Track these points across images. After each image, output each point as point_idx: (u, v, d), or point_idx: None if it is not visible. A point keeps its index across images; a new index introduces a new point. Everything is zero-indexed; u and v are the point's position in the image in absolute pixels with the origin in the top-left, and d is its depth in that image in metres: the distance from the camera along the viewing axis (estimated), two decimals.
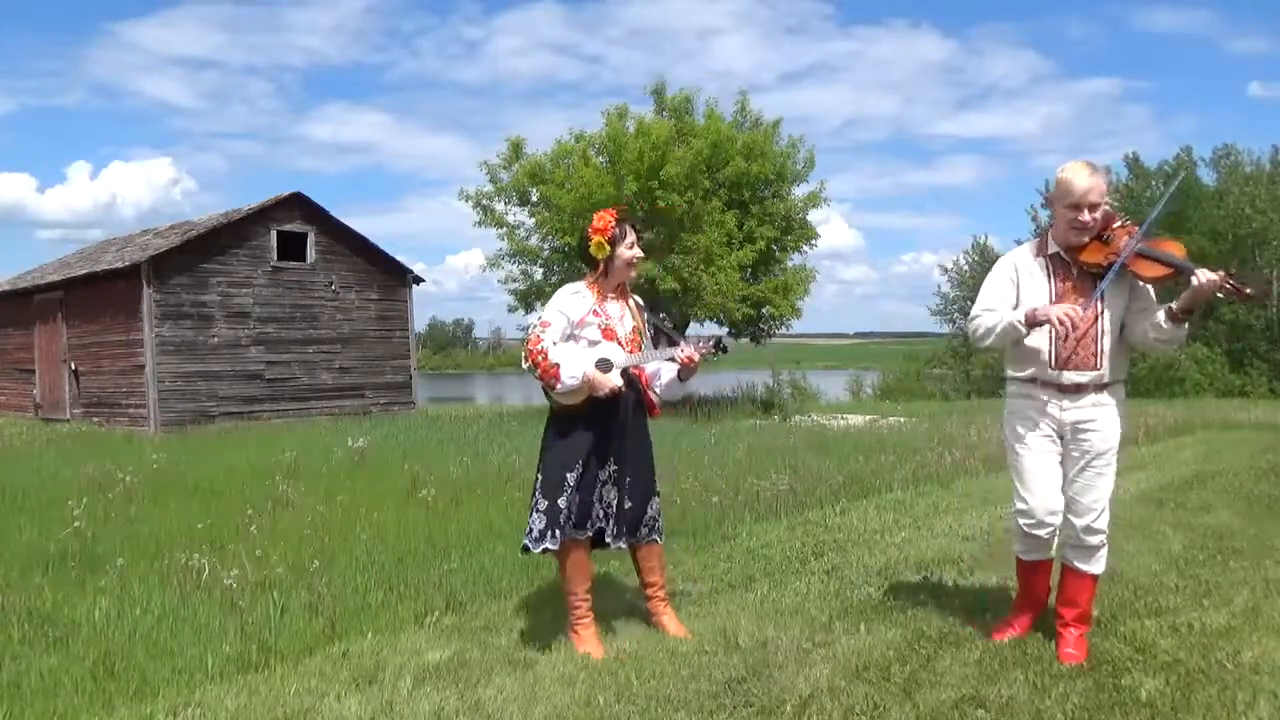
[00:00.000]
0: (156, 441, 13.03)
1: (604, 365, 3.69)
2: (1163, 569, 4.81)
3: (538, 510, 3.71)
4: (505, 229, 18.63)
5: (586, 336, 3.73)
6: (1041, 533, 3.60)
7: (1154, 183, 34.68)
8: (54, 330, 18.92)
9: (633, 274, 3.90)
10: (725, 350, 3.83)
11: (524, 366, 3.68)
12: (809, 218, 18.87)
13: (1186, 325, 3.35)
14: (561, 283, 18.43)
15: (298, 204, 18.19)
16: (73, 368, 18.24)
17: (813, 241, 19.01)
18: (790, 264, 18.92)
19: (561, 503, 3.69)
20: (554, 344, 3.65)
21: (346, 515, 6.57)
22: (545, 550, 3.70)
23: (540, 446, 3.85)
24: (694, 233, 16.73)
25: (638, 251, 3.86)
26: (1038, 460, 3.56)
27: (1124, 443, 3.69)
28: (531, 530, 3.71)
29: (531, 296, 18.77)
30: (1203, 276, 3.20)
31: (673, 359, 3.80)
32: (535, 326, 3.72)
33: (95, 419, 17.39)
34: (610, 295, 3.85)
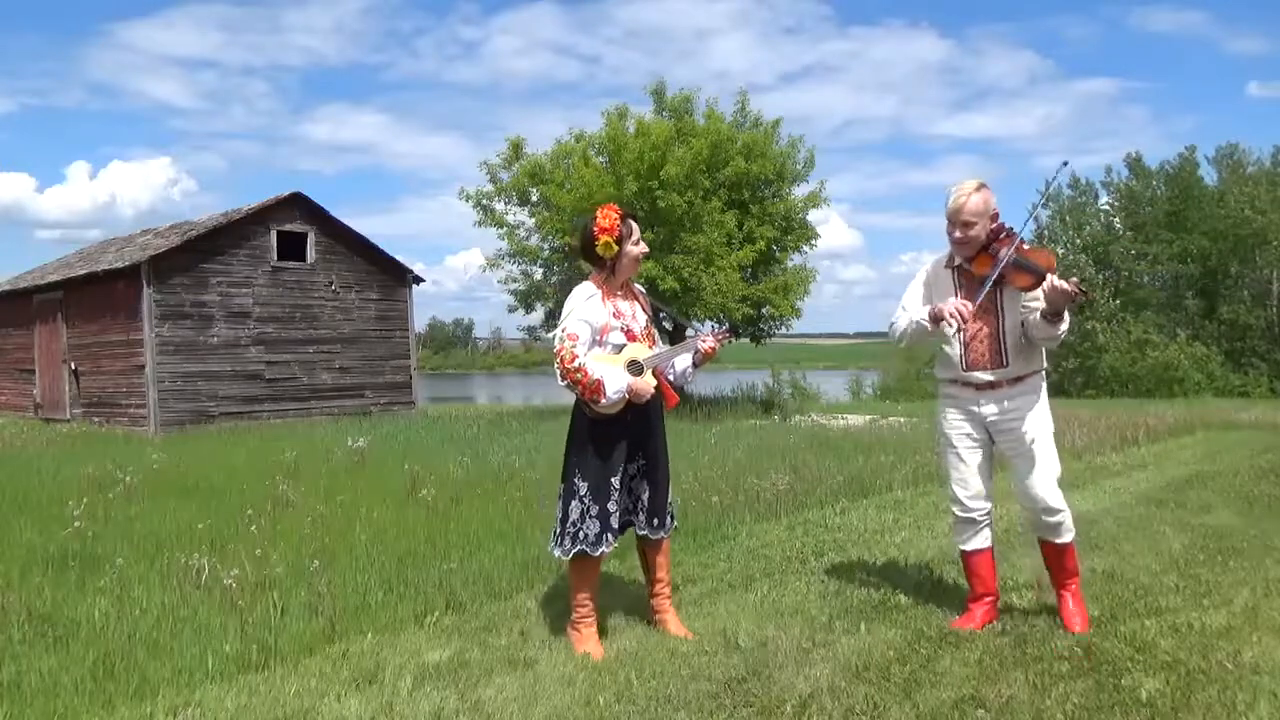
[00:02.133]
0: (156, 441, 13.04)
1: (634, 368, 3.71)
2: (1163, 569, 4.81)
3: (590, 516, 3.73)
4: (505, 229, 18.63)
5: (612, 342, 3.73)
6: (974, 515, 3.96)
7: (1154, 183, 34.70)
8: (54, 330, 18.92)
9: (638, 270, 3.92)
10: (738, 335, 3.94)
11: (560, 384, 3.65)
12: (809, 218, 18.87)
13: (1062, 325, 3.64)
14: (562, 283, 18.32)
15: (298, 204, 18.19)
16: (73, 368, 18.24)
17: (813, 241, 18.99)
18: (790, 264, 18.90)
19: (611, 506, 3.74)
20: (585, 355, 3.63)
21: (346, 515, 6.57)
22: (602, 553, 3.76)
23: (571, 449, 3.85)
24: (694, 233, 16.73)
25: (644, 248, 3.87)
26: (962, 454, 3.95)
27: (1120, 443, 3.80)
28: (586, 535, 3.73)
29: (531, 296, 18.77)
30: (1053, 284, 3.54)
31: (695, 349, 3.86)
32: (563, 340, 3.63)
33: (95, 419, 17.39)
34: (618, 293, 3.86)
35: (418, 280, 20.00)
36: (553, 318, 19.00)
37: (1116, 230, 34.22)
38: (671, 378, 3.92)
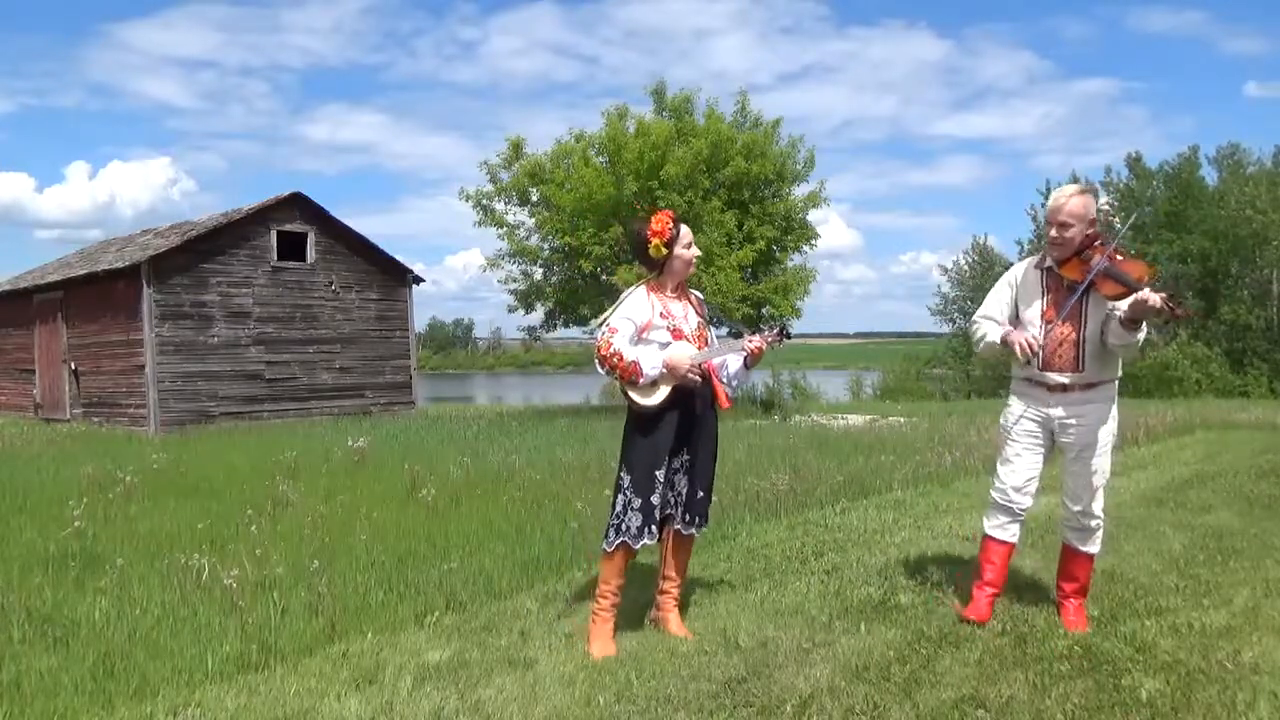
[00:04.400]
0: (156, 441, 13.04)
1: None
2: (1163, 569, 4.81)
3: (632, 509, 3.78)
4: (505, 229, 18.64)
5: (656, 340, 3.77)
6: (1013, 505, 4.02)
7: (1154, 183, 34.69)
8: (54, 330, 18.92)
9: (690, 273, 3.94)
10: (790, 336, 3.94)
11: (600, 371, 3.78)
12: (808, 218, 18.88)
13: (1139, 333, 3.71)
14: (561, 283, 18.28)
15: (298, 204, 18.19)
16: (73, 368, 18.24)
17: (813, 241, 19.00)
18: (790, 264, 18.91)
19: (655, 499, 3.78)
20: (624, 345, 3.70)
21: (346, 515, 6.57)
22: (642, 545, 3.79)
23: (623, 444, 3.90)
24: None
25: (695, 251, 3.92)
26: (1021, 446, 4.00)
27: (1121, 443, 3.84)
28: (629, 528, 3.76)
29: (531, 296, 18.77)
30: (1140, 296, 3.55)
31: (742, 349, 3.87)
32: (603, 333, 3.76)
33: (95, 419, 17.39)
34: (670, 294, 3.89)
35: (418, 280, 20.00)
36: (552, 318, 19.02)
37: (1116, 230, 34.23)
38: (724, 377, 3.95)
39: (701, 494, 3.96)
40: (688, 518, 3.96)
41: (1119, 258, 3.74)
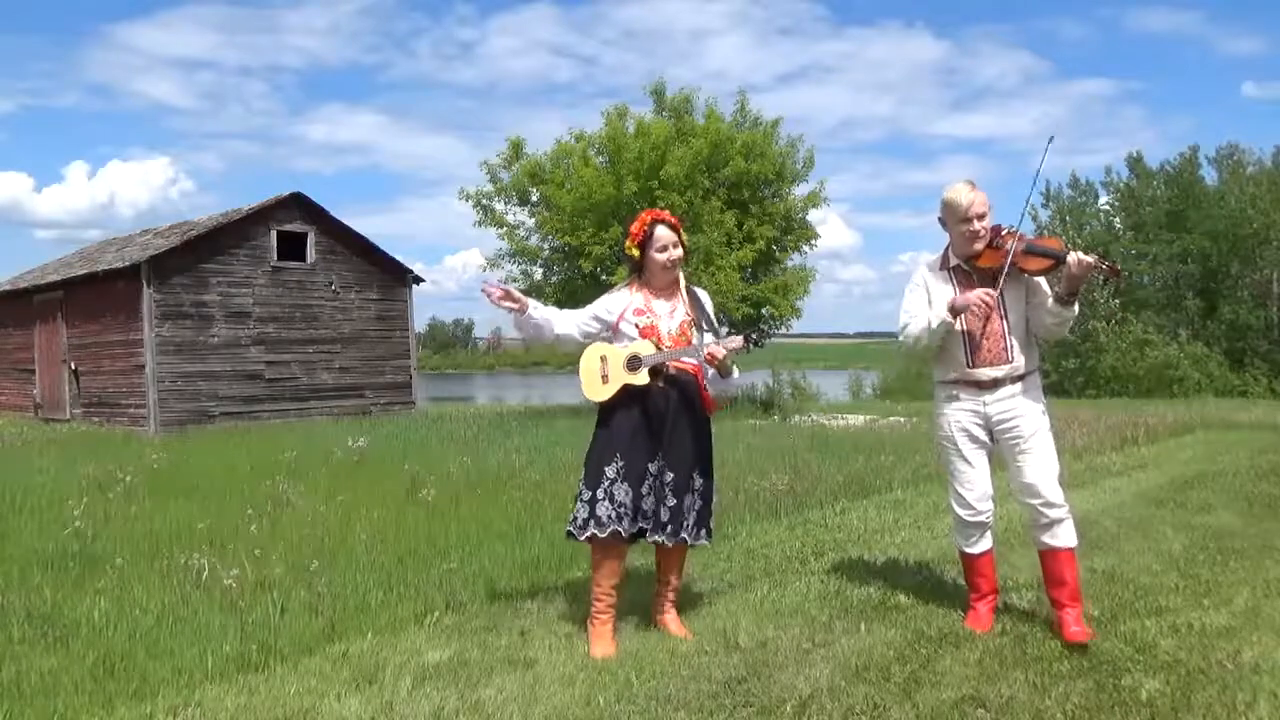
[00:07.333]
0: (156, 441, 13.04)
1: (633, 363, 3.77)
2: (1163, 569, 4.81)
3: (580, 500, 3.81)
4: (505, 229, 18.64)
5: (626, 334, 3.83)
6: (981, 518, 3.95)
7: (1154, 183, 34.66)
8: (54, 330, 18.92)
9: (675, 274, 3.93)
10: (758, 344, 3.93)
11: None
12: (808, 218, 18.87)
13: (1075, 306, 3.76)
14: (561, 283, 18.25)
15: (298, 204, 18.20)
16: (73, 368, 18.24)
17: (813, 241, 18.99)
18: (790, 264, 18.90)
19: (600, 494, 3.76)
20: (556, 310, 4.05)
21: (346, 515, 6.57)
22: (590, 538, 3.77)
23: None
24: (694, 233, 16.73)
25: (670, 254, 3.86)
26: (966, 455, 3.93)
27: (1122, 443, 3.83)
28: (575, 519, 3.80)
29: (531, 296, 18.74)
30: (1074, 259, 3.59)
31: (697, 352, 3.82)
32: None
33: (95, 419, 17.39)
34: (657, 293, 3.92)
35: (417, 280, 20.00)
36: None
37: (1116, 230, 34.19)
38: (707, 383, 3.93)
39: (674, 501, 3.81)
40: (658, 527, 3.81)
41: (1030, 237, 3.80)
